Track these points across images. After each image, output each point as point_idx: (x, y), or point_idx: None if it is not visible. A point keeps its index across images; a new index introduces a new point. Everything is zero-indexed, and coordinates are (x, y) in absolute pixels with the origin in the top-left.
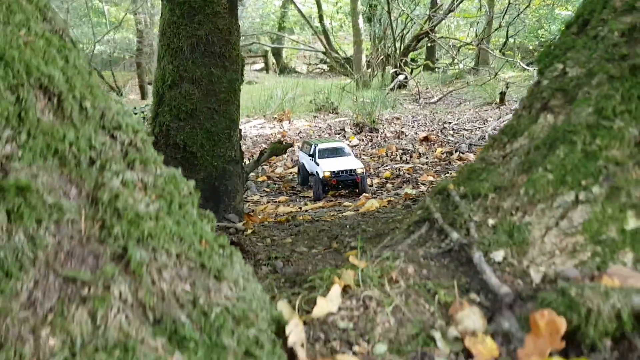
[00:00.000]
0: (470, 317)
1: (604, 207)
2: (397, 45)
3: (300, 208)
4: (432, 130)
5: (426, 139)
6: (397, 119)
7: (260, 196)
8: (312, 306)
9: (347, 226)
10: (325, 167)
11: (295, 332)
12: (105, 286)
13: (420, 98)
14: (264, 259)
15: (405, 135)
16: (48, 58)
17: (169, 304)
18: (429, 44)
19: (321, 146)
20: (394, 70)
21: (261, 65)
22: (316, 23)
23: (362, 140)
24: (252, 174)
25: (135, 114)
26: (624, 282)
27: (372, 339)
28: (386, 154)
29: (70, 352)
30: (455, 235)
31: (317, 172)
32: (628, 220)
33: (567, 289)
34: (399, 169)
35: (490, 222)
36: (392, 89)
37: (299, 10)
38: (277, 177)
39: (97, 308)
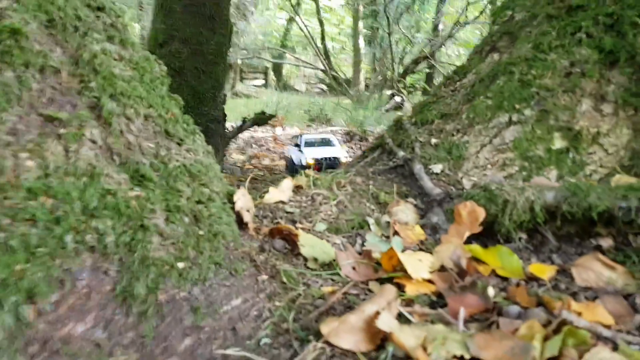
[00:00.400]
0: (404, 212)
1: (533, 128)
2: (396, 67)
3: None
4: None
5: None
6: None
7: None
8: (265, 196)
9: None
10: (309, 154)
11: (242, 200)
12: (78, 127)
13: None
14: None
15: None
16: None
17: (134, 152)
18: (427, 70)
19: (307, 137)
20: (391, 92)
21: (261, 81)
22: (319, 43)
23: (352, 148)
24: (238, 162)
25: None
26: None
27: (314, 221)
28: None
29: (44, 172)
30: (401, 153)
31: (301, 159)
32: (554, 141)
33: (489, 185)
34: None
35: (433, 141)
36: (387, 110)
37: (302, 29)
38: (263, 167)
39: (70, 143)
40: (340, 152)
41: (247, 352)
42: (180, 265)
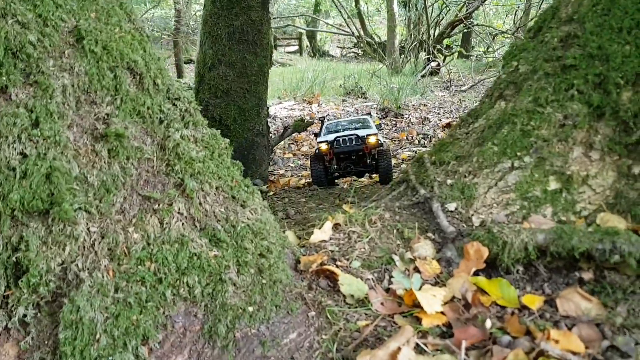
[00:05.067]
0: (424, 247)
1: (532, 173)
2: (432, 31)
3: None
4: (457, 118)
5: (448, 125)
6: (424, 105)
7: (285, 171)
8: (310, 236)
9: (353, 190)
10: (323, 139)
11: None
12: (169, 203)
13: (451, 85)
14: (280, 211)
15: (429, 122)
16: (133, 48)
17: (210, 218)
18: (464, 31)
19: (330, 122)
20: (426, 56)
21: (295, 47)
22: (352, 6)
23: (387, 125)
24: (279, 150)
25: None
26: (539, 227)
27: (350, 258)
28: (407, 138)
29: (146, 242)
30: (422, 191)
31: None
32: (550, 183)
33: (492, 227)
34: (416, 152)
35: (449, 181)
36: (423, 76)
37: None
38: (302, 155)
39: (163, 217)
40: (368, 130)
41: None
42: (250, 308)
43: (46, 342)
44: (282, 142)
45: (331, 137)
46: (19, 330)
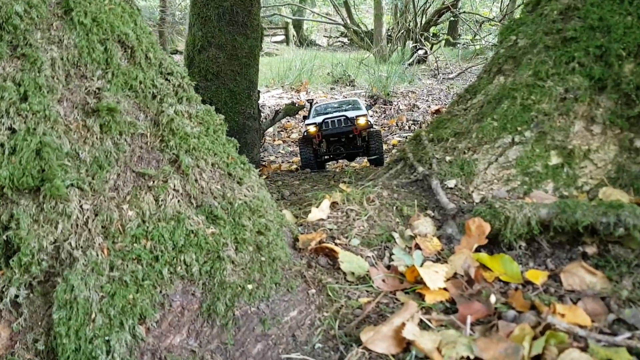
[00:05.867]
0: (424, 224)
1: (533, 148)
2: (419, 19)
3: None
4: (445, 104)
5: (437, 111)
6: (413, 92)
7: (276, 157)
8: (308, 215)
9: (347, 172)
10: (311, 121)
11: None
12: (164, 180)
13: (439, 73)
14: (275, 193)
15: (418, 108)
16: (124, 20)
17: (207, 195)
18: (451, 19)
19: (319, 104)
20: (413, 44)
21: (281, 37)
22: None
23: (376, 112)
24: (269, 138)
25: None
26: (542, 202)
27: (349, 236)
28: (396, 125)
29: (141, 219)
30: (420, 168)
31: (304, 132)
32: (551, 158)
33: (493, 203)
34: (406, 138)
35: (448, 158)
36: (410, 64)
37: None
38: (291, 142)
39: (159, 194)
40: (357, 112)
41: (306, 355)
42: (249, 286)
43: (39, 323)
44: (271, 130)
45: (319, 119)
46: (10, 311)
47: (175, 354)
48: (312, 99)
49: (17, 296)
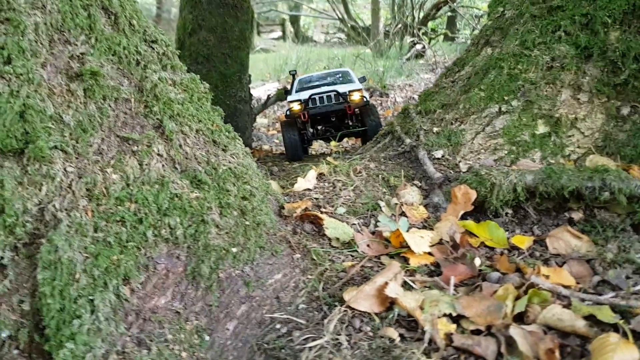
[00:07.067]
0: (410, 194)
1: (520, 117)
2: (416, 14)
3: None
4: None
5: None
6: (410, 85)
7: (270, 146)
8: (294, 185)
9: (337, 144)
10: (294, 97)
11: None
12: (148, 144)
13: (437, 68)
14: (264, 170)
15: (415, 101)
16: None
17: (191, 160)
18: (449, 14)
19: (303, 77)
20: (411, 39)
21: (278, 33)
22: None
23: (373, 103)
24: (263, 128)
25: None
26: (527, 169)
27: (335, 205)
28: (392, 115)
29: (126, 183)
30: (408, 140)
31: (287, 112)
32: (538, 127)
33: (479, 170)
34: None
35: (435, 130)
36: (408, 59)
37: None
38: None
39: (143, 158)
40: (350, 86)
41: (289, 315)
42: (234, 250)
43: (24, 285)
44: (266, 121)
45: (305, 94)
46: None
47: (159, 315)
48: (295, 70)
49: (2, 258)
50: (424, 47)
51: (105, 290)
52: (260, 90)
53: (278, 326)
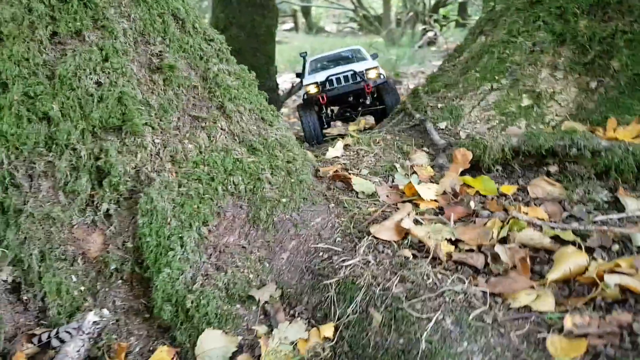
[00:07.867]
0: (420, 157)
1: (508, 92)
2: (427, 1)
3: None
4: None
5: None
6: (422, 72)
7: (292, 134)
8: (325, 154)
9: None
10: (310, 79)
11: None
12: (213, 121)
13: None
14: None
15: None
16: None
17: (246, 133)
18: (460, 0)
19: (314, 58)
20: (423, 27)
21: (290, 25)
22: None
23: None
24: (285, 118)
25: None
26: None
27: (360, 168)
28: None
29: (199, 150)
30: (417, 115)
31: (303, 95)
32: (523, 100)
33: (474, 136)
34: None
35: (440, 105)
36: (420, 47)
37: None
38: None
39: (210, 132)
40: (366, 64)
41: (329, 245)
42: (284, 200)
43: (127, 230)
44: (285, 110)
45: (321, 75)
46: (103, 222)
47: (230, 249)
48: (305, 52)
49: (108, 210)
50: (435, 34)
51: (190, 230)
52: (278, 81)
53: (321, 254)
